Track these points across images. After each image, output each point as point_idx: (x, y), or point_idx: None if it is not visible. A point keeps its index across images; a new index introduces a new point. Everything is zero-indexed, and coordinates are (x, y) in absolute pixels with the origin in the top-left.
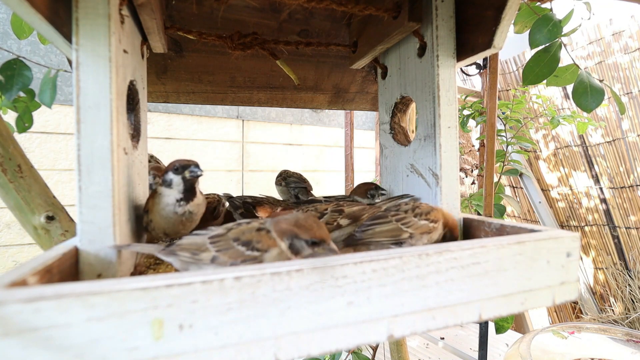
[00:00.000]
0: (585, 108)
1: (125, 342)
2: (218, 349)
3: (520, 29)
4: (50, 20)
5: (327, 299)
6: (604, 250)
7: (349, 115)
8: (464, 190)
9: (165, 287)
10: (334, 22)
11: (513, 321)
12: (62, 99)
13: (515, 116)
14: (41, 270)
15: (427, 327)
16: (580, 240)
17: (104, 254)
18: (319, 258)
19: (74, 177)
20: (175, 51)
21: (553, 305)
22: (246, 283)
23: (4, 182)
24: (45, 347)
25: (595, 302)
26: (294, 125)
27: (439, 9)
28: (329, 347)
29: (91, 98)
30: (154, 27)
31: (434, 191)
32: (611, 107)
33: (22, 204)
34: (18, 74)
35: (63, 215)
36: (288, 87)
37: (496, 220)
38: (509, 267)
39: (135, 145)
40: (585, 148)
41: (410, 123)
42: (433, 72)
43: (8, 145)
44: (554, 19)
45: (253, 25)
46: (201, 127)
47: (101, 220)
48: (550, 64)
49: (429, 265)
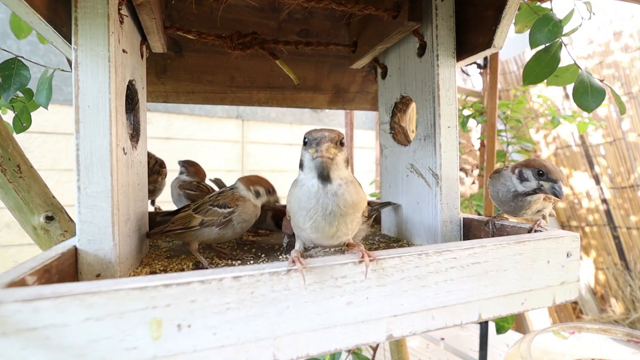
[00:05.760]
0: (585, 108)
1: (123, 342)
2: (216, 349)
3: (521, 29)
4: (49, 20)
5: (326, 299)
6: (605, 251)
7: (349, 115)
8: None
9: (163, 287)
10: (333, 22)
11: (513, 321)
12: (61, 99)
13: (515, 116)
14: (40, 270)
15: (426, 327)
16: (580, 240)
17: (103, 254)
18: (318, 258)
19: (74, 177)
20: (174, 51)
21: (553, 305)
22: (245, 283)
23: (4, 183)
24: (44, 347)
25: (596, 303)
26: (294, 125)
27: (439, 9)
28: (328, 347)
29: (90, 98)
30: (153, 26)
31: (434, 191)
32: (611, 107)
33: (22, 204)
34: (16, 73)
35: (62, 215)
36: (288, 87)
37: (496, 220)
38: (509, 267)
39: (135, 145)
40: (586, 148)
41: (410, 123)
42: (433, 72)
43: (7, 146)
44: (554, 19)
45: (252, 25)
46: (201, 127)
47: (100, 220)
48: (551, 63)
49: (428, 265)
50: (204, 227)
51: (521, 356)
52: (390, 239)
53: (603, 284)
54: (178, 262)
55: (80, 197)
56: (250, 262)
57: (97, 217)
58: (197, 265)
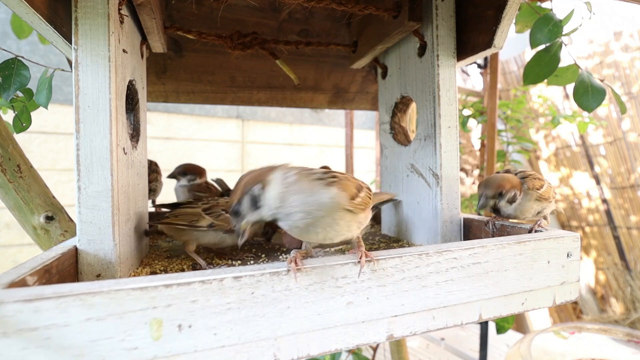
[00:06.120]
0: (586, 108)
1: (124, 342)
2: (217, 349)
3: (521, 29)
4: (49, 20)
5: (326, 299)
6: (605, 251)
7: (349, 115)
8: (464, 190)
9: (164, 287)
10: (333, 22)
11: (514, 321)
12: (61, 99)
13: (515, 116)
14: (40, 270)
15: (427, 328)
16: (580, 240)
17: (103, 254)
18: (318, 258)
19: (74, 177)
20: (174, 51)
21: (554, 305)
22: (245, 283)
23: (4, 182)
24: (45, 347)
25: (596, 303)
26: (294, 125)
27: (439, 9)
28: (329, 347)
29: (90, 98)
30: (153, 26)
31: (434, 191)
32: (612, 106)
33: (22, 204)
34: (16, 73)
35: (62, 215)
36: (288, 86)
37: (496, 220)
38: (510, 267)
39: (135, 145)
40: (586, 148)
41: (410, 123)
42: (433, 72)
43: (7, 145)
44: (554, 19)
45: (253, 24)
46: (201, 127)
47: (100, 220)
48: (551, 63)
49: (428, 266)
50: (210, 230)
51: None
52: (391, 239)
53: (603, 284)
54: (178, 262)
55: (80, 197)
56: (251, 262)
57: (98, 217)
58: (194, 267)
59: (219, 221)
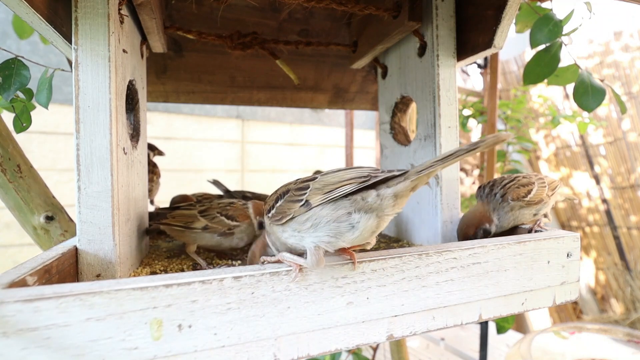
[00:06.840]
0: (586, 108)
1: (124, 342)
2: (217, 349)
3: (521, 29)
4: (49, 20)
5: (326, 299)
6: (605, 251)
7: (349, 115)
8: (464, 190)
9: (164, 287)
10: (334, 22)
11: (514, 321)
12: (61, 99)
13: (515, 116)
14: (40, 270)
15: (427, 328)
16: (580, 240)
17: (103, 254)
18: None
19: (74, 177)
20: (174, 51)
21: (554, 305)
22: (245, 283)
23: (4, 182)
24: (45, 347)
25: (596, 303)
26: (294, 125)
27: (439, 9)
28: (329, 347)
29: (90, 98)
30: (153, 26)
31: (434, 191)
32: (612, 106)
33: (22, 204)
34: (16, 73)
35: (62, 215)
36: (288, 86)
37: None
38: (510, 267)
39: (135, 145)
40: (586, 148)
41: (410, 123)
42: (433, 72)
43: (7, 145)
44: (554, 19)
45: (253, 24)
46: (201, 127)
47: (100, 220)
48: (551, 63)
49: (428, 266)
50: (205, 232)
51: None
52: (391, 239)
53: (603, 284)
54: (178, 262)
55: (80, 197)
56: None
57: (98, 217)
58: (195, 266)
59: (213, 223)
